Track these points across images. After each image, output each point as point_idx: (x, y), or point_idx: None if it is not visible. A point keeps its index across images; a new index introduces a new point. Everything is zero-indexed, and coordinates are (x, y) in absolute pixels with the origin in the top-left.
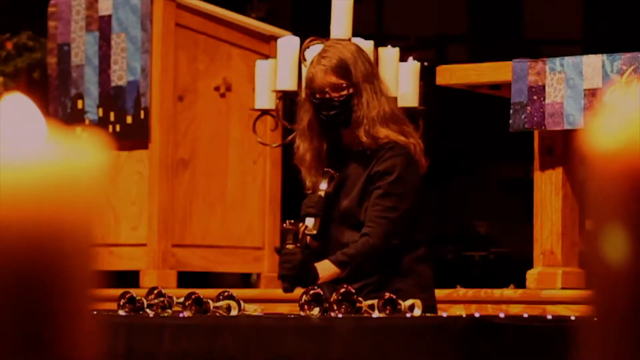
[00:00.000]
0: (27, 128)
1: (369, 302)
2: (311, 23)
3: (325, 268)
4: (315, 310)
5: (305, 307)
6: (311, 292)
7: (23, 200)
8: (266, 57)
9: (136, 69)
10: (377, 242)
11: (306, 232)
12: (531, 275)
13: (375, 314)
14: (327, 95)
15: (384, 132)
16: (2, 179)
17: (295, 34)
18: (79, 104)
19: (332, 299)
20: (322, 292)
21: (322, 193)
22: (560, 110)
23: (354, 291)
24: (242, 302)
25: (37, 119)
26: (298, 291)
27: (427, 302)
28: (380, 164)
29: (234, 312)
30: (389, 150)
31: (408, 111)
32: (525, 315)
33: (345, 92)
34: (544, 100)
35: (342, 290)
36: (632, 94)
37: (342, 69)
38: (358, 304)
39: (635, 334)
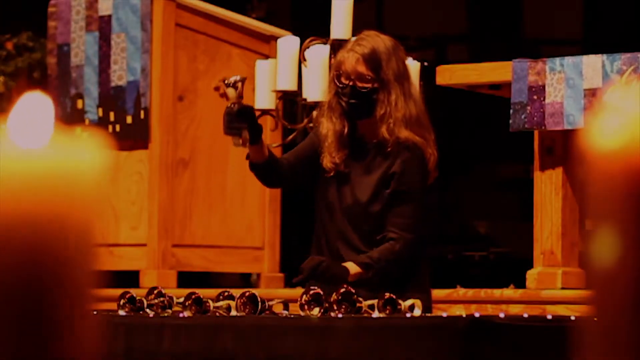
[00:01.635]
0: (34, 128)
1: (369, 302)
2: (311, 23)
3: (352, 267)
4: (315, 310)
5: (305, 307)
6: (311, 292)
7: (23, 200)
8: (266, 57)
9: (136, 69)
10: (401, 249)
11: (235, 145)
12: (531, 275)
13: (375, 314)
14: (352, 83)
15: (405, 134)
16: (3, 179)
17: (295, 34)
18: (79, 104)
19: (332, 299)
20: (321, 293)
21: (233, 106)
22: (560, 110)
23: (354, 291)
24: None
25: (46, 119)
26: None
27: (423, 303)
28: (398, 165)
29: (234, 312)
30: (406, 150)
31: None
32: (525, 315)
33: (370, 85)
34: (544, 100)
35: (342, 290)
36: (632, 94)
37: (373, 61)
38: (358, 304)
39: (635, 334)
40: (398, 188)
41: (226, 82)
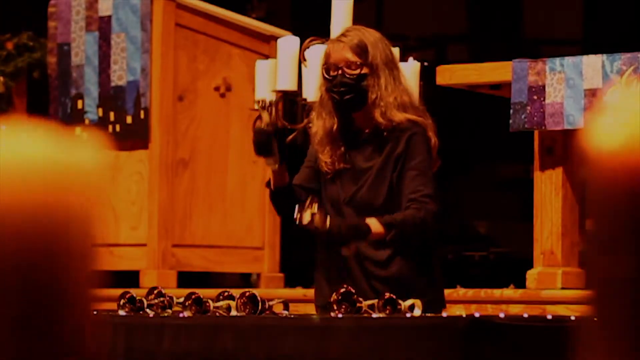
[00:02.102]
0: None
1: (369, 302)
2: (311, 23)
3: (374, 224)
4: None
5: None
6: (341, 290)
7: (24, 200)
8: (266, 57)
9: (136, 69)
10: (426, 217)
11: (269, 165)
12: (531, 275)
13: (375, 314)
14: (341, 72)
15: (399, 116)
16: (3, 179)
17: (295, 34)
18: (79, 104)
19: (332, 299)
20: (353, 291)
21: (268, 127)
22: (560, 110)
23: (354, 291)
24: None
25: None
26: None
27: (435, 296)
28: (402, 146)
29: (234, 312)
30: (407, 130)
31: None
32: (525, 315)
33: (359, 71)
34: (544, 100)
35: (342, 290)
36: (632, 94)
37: (360, 47)
38: (358, 304)
39: (635, 334)
40: (407, 166)
41: (260, 103)
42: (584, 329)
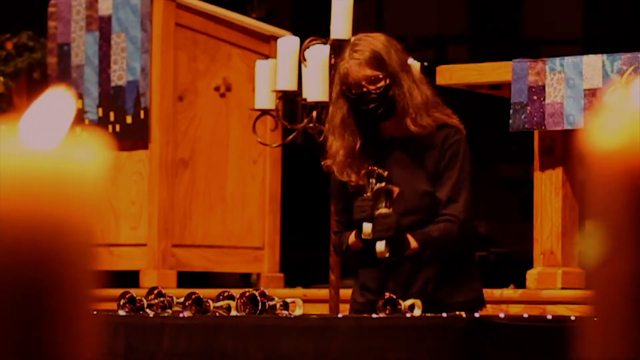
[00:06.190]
0: (44, 128)
1: (409, 302)
2: (311, 23)
3: (412, 241)
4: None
5: (380, 308)
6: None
7: (23, 200)
8: (266, 57)
9: (136, 69)
10: (460, 231)
11: (379, 256)
12: (531, 275)
13: (375, 314)
14: (364, 89)
15: (428, 120)
16: (3, 179)
17: (295, 34)
18: (79, 104)
19: (378, 304)
20: (395, 297)
21: (386, 211)
22: (560, 110)
23: (395, 297)
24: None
25: (60, 120)
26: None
27: (478, 294)
28: (442, 149)
29: (234, 312)
30: (447, 135)
31: None
32: (525, 315)
33: (382, 84)
34: (544, 100)
35: (387, 296)
36: (632, 94)
37: (376, 60)
38: (399, 306)
39: (635, 334)
40: (446, 172)
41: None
42: (584, 329)
